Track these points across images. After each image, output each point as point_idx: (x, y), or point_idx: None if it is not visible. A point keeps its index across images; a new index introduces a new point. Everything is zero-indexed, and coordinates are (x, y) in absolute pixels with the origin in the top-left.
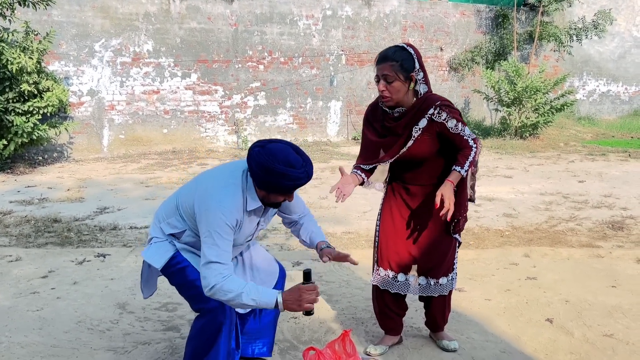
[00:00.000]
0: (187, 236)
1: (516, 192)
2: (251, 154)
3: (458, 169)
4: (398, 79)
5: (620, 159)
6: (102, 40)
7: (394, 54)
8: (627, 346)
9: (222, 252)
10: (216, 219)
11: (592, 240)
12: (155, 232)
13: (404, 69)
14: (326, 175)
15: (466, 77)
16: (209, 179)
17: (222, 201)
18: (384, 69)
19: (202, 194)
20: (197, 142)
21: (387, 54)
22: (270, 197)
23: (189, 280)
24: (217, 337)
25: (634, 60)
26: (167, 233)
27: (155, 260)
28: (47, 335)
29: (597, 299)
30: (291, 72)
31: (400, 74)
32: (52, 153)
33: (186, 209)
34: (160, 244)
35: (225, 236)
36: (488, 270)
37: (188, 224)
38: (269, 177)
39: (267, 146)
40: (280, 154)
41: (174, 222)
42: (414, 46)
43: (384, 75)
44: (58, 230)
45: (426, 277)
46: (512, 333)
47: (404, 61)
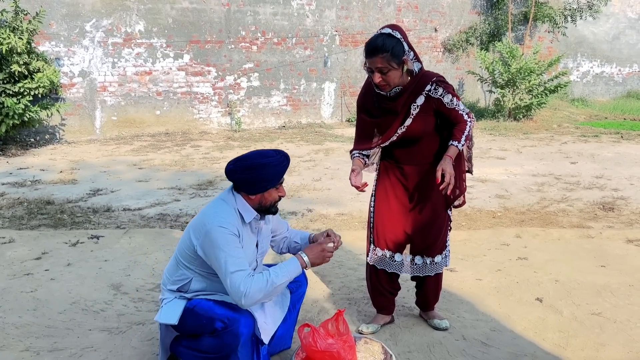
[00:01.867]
0: (195, 283)
1: (509, 173)
2: (230, 169)
3: (455, 143)
4: (392, 68)
5: (612, 141)
6: (93, 21)
7: (383, 45)
8: (614, 324)
9: (237, 260)
10: (219, 235)
11: (583, 221)
12: (163, 296)
13: (395, 56)
14: (320, 157)
15: (460, 58)
16: (198, 216)
17: (217, 217)
18: (377, 62)
19: (196, 226)
20: (190, 124)
21: (375, 45)
22: (266, 195)
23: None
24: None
25: (628, 41)
26: (175, 289)
27: (169, 318)
28: (41, 316)
29: (586, 279)
30: (285, 53)
31: (393, 62)
32: (44, 135)
33: (186, 254)
34: (169, 302)
35: (234, 245)
36: (480, 251)
37: (192, 269)
38: (253, 174)
39: (238, 157)
40: (252, 154)
41: (179, 276)
42: (398, 27)
43: (378, 68)
44: (51, 212)
45: (422, 257)
46: (503, 312)
47: (394, 49)
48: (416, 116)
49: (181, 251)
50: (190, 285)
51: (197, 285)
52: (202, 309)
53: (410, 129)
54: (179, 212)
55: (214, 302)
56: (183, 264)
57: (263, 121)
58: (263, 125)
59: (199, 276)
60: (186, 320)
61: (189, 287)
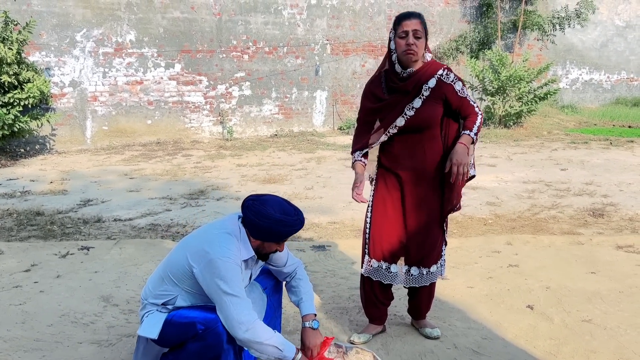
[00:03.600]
0: (180, 300)
1: (500, 180)
2: (246, 206)
3: (467, 132)
4: (424, 36)
5: (602, 147)
6: (84, 31)
7: (418, 13)
8: (604, 331)
9: (242, 290)
10: (224, 265)
11: (573, 227)
12: (144, 310)
13: (425, 26)
14: (312, 165)
15: (451, 66)
16: (197, 237)
17: (221, 247)
18: (415, 25)
19: (197, 249)
20: (182, 133)
21: (411, 12)
22: (265, 245)
23: (188, 320)
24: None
25: (616, 48)
26: (160, 304)
27: (149, 332)
28: (30, 329)
29: (577, 285)
30: (276, 61)
31: (424, 31)
32: (34, 145)
33: (177, 272)
34: (151, 315)
35: (237, 276)
36: (471, 258)
37: (181, 287)
38: (266, 224)
39: (261, 198)
40: (275, 204)
41: (163, 291)
42: None
43: (415, 30)
44: (41, 223)
45: (418, 267)
46: (494, 320)
47: (424, 21)
48: (426, 100)
49: (171, 268)
50: (176, 301)
51: (182, 302)
52: (180, 316)
53: (418, 113)
54: (170, 222)
55: (189, 308)
56: (171, 279)
57: (255, 130)
58: (255, 134)
59: (185, 294)
60: (167, 331)
61: (174, 303)
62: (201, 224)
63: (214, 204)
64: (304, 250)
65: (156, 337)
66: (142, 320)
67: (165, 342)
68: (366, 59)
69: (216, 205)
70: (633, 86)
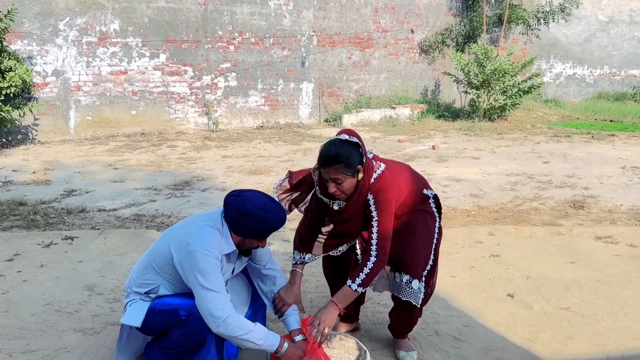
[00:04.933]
0: (162, 289)
1: (483, 172)
2: (228, 202)
3: (349, 283)
4: (346, 178)
5: (583, 141)
6: (67, 19)
7: (337, 156)
8: (582, 318)
9: (220, 285)
10: (203, 257)
11: (554, 218)
12: (127, 298)
13: (350, 166)
14: (298, 157)
15: (436, 59)
16: (181, 228)
17: (202, 239)
18: (330, 174)
19: (180, 239)
20: (167, 124)
21: (329, 155)
22: (246, 242)
23: (170, 307)
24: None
25: (599, 43)
26: (143, 292)
27: (133, 320)
28: (13, 318)
29: (556, 275)
30: (262, 52)
31: (347, 172)
32: (17, 135)
33: (159, 260)
34: (134, 304)
35: (216, 269)
36: (454, 249)
37: (163, 276)
38: (247, 221)
39: (243, 194)
40: (257, 200)
41: (146, 280)
42: (354, 133)
43: (333, 179)
44: (24, 213)
45: (400, 273)
46: (475, 308)
47: (348, 159)
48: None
49: (154, 257)
50: (159, 290)
51: (164, 291)
52: (163, 304)
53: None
54: (154, 212)
55: (172, 296)
56: (154, 268)
57: (241, 121)
58: (241, 125)
59: (167, 283)
60: (150, 320)
61: (157, 292)
62: (186, 214)
63: (199, 195)
64: (289, 240)
65: (139, 325)
66: (126, 309)
67: (148, 330)
68: (353, 51)
69: (201, 196)
70: (615, 81)
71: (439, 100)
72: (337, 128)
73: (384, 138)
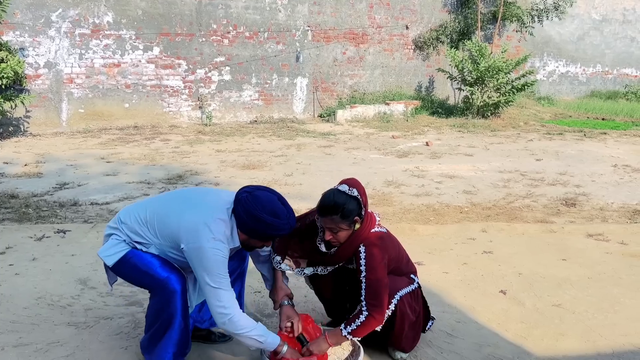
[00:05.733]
0: (152, 249)
1: (476, 169)
2: (239, 200)
3: (342, 327)
4: (342, 229)
5: (576, 139)
6: (60, 11)
7: (334, 206)
8: (573, 315)
9: (226, 282)
10: (214, 256)
11: (546, 216)
12: (111, 230)
13: (346, 217)
14: (292, 152)
15: (431, 55)
16: (193, 209)
17: (215, 237)
18: (327, 222)
19: (191, 228)
20: (160, 118)
21: (326, 204)
22: (251, 241)
23: (143, 268)
24: (173, 304)
25: (592, 42)
26: (133, 240)
27: (108, 258)
28: (5, 311)
29: (548, 272)
30: (256, 47)
31: (343, 223)
32: (8, 127)
33: (164, 231)
34: (116, 241)
35: (223, 267)
36: (447, 245)
37: (160, 241)
38: (254, 224)
39: (255, 193)
40: (267, 203)
41: (142, 233)
42: (355, 183)
43: (330, 227)
44: (15, 206)
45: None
46: (468, 304)
47: (345, 210)
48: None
49: (159, 223)
50: (149, 248)
51: (154, 251)
52: (138, 260)
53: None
54: None
55: (153, 256)
56: (155, 230)
57: (234, 115)
58: (234, 120)
59: (161, 247)
60: (122, 267)
61: (147, 248)
62: None
63: None
64: None
65: (111, 265)
66: (107, 239)
67: (117, 272)
68: (347, 46)
69: None
70: (607, 79)
71: (433, 97)
72: (331, 123)
73: (378, 134)
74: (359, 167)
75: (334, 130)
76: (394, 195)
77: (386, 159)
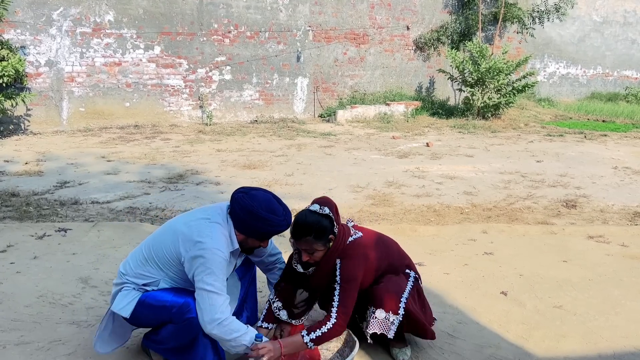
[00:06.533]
0: (163, 283)
1: (477, 170)
2: (235, 199)
3: (303, 334)
4: (317, 249)
5: (576, 140)
6: (61, 9)
7: (307, 227)
8: (574, 316)
9: (223, 287)
10: (212, 258)
11: (547, 217)
12: (121, 285)
13: (319, 237)
14: (292, 152)
15: (432, 56)
16: (188, 224)
17: (213, 239)
18: (301, 245)
19: (189, 237)
20: (161, 117)
21: (298, 227)
22: (249, 241)
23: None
24: (196, 327)
25: (593, 43)
26: (141, 284)
27: (122, 310)
28: (7, 310)
29: (549, 273)
30: (257, 46)
31: (318, 244)
32: (8, 125)
33: (164, 257)
34: (127, 292)
35: (222, 270)
36: (447, 246)
37: (166, 272)
38: (251, 221)
39: (250, 192)
40: (263, 201)
41: (146, 272)
42: (327, 201)
43: (304, 249)
44: (16, 204)
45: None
46: (469, 305)
47: (318, 231)
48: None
49: (157, 252)
50: (159, 284)
51: (164, 285)
52: (154, 299)
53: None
54: (148, 205)
55: (164, 290)
56: (156, 263)
57: (235, 115)
58: (235, 119)
59: (169, 279)
60: (139, 312)
61: (157, 285)
62: (180, 208)
63: (194, 189)
64: (284, 235)
65: (128, 316)
66: (116, 296)
67: (136, 321)
68: (348, 46)
69: (195, 189)
70: (608, 81)
71: (434, 98)
72: (332, 124)
73: (378, 134)
74: (360, 167)
75: (334, 131)
76: (394, 196)
77: (387, 159)
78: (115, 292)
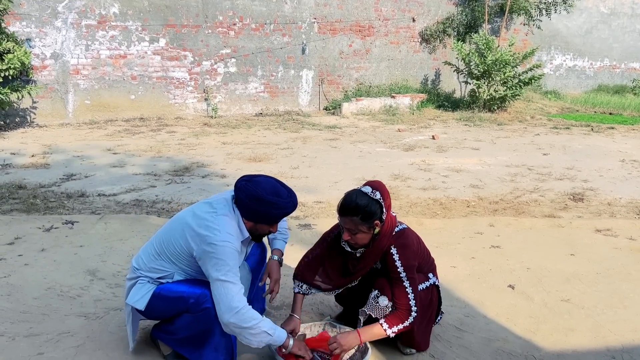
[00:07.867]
0: (177, 276)
1: (483, 163)
2: (239, 187)
3: (385, 327)
4: (361, 231)
5: (583, 133)
6: (66, 1)
7: (356, 207)
8: (582, 310)
9: (236, 276)
10: (223, 249)
11: (554, 210)
12: (134, 279)
13: (366, 220)
14: (297, 145)
15: (437, 48)
16: (196, 217)
17: (222, 231)
18: (346, 223)
19: (198, 230)
20: (166, 109)
21: (348, 205)
22: (258, 227)
23: (175, 295)
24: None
25: (600, 35)
26: (156, 278)
27: (137, 302)
28: (15, 302)
29: (556, 267)
30: (262, 39)
31: (363, 226)
32: (15, 118)
33: (175, 251)
34: (140, 285)
35: (235, 260)
36: (454, 239)
37: (178, 266)
38: (258, 206)
39: (253, 179)
40: (267, 185)
41: (159, 266)
42: (379, 186)
43: (347, 228)
44: (23, 196)
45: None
46: (476, 298)
47: (365, 212)
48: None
49: (168, 246)
50: (173, 277)
51: (178, 278)
52: (169, 290)
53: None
54: (155, 198)
55: (179, 282)
56: (168, 257)
57: (240, 108)
58: (240, 112)
59: (182, 272)
60: (154, 304)
61: (172, 278)
62: (186, 200)
63: (199, 181)
64: (290, 228)
65: (143, 308)
66: (131, 289)
67: (151, 314)
68: (353, 38)
69: (201, 182)
70: (615, 73)
71: (439, 90)
72: (337, 116)
73: (384, 127)
74: (365, 160)
75: (339, 123)
76: (400, 189)
77: (392, 152)
78: (130, 286)
